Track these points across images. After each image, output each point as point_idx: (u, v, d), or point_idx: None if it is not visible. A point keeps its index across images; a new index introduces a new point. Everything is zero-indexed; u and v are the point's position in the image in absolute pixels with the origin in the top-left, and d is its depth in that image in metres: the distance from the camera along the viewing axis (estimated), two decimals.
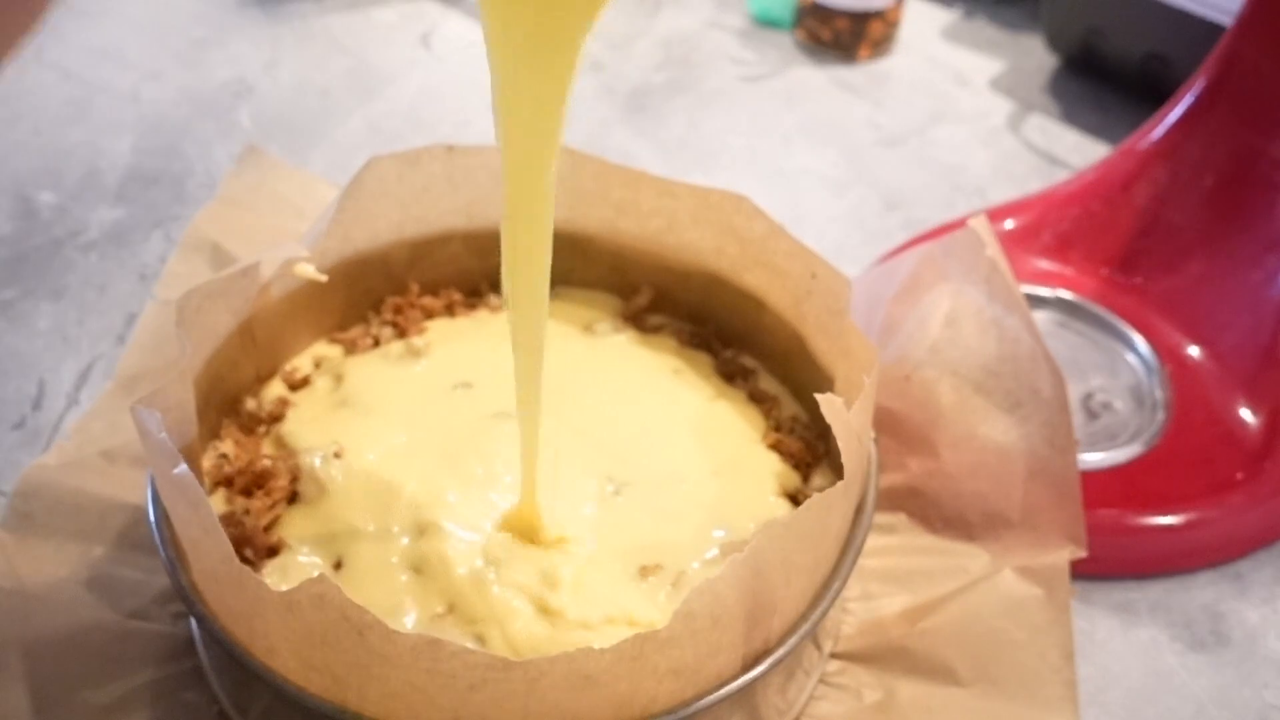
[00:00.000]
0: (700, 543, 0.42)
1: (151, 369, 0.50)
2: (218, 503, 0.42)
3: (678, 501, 0.43)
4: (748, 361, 0.50)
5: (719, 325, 0.51)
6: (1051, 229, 0.58)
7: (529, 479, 0.40)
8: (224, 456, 0.44)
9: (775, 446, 0.46)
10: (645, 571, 0.40)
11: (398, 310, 0.50)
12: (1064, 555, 0.43)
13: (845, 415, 0.37)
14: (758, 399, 0.48)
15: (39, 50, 0.76)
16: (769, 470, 0.45)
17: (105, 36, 0.78)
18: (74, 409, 0.52)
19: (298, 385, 0.48)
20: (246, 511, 0.41)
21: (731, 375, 0.49)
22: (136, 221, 0.63)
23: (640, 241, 0.50)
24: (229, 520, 0.41)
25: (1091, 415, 0.52)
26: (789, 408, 0.48)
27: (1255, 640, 0.46)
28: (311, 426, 0.45)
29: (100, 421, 0.48)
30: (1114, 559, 0.47)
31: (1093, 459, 0.49)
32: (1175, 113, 0.55)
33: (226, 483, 0.43)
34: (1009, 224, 0.59)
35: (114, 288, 0.59)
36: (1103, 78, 0.76)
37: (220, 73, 0.75)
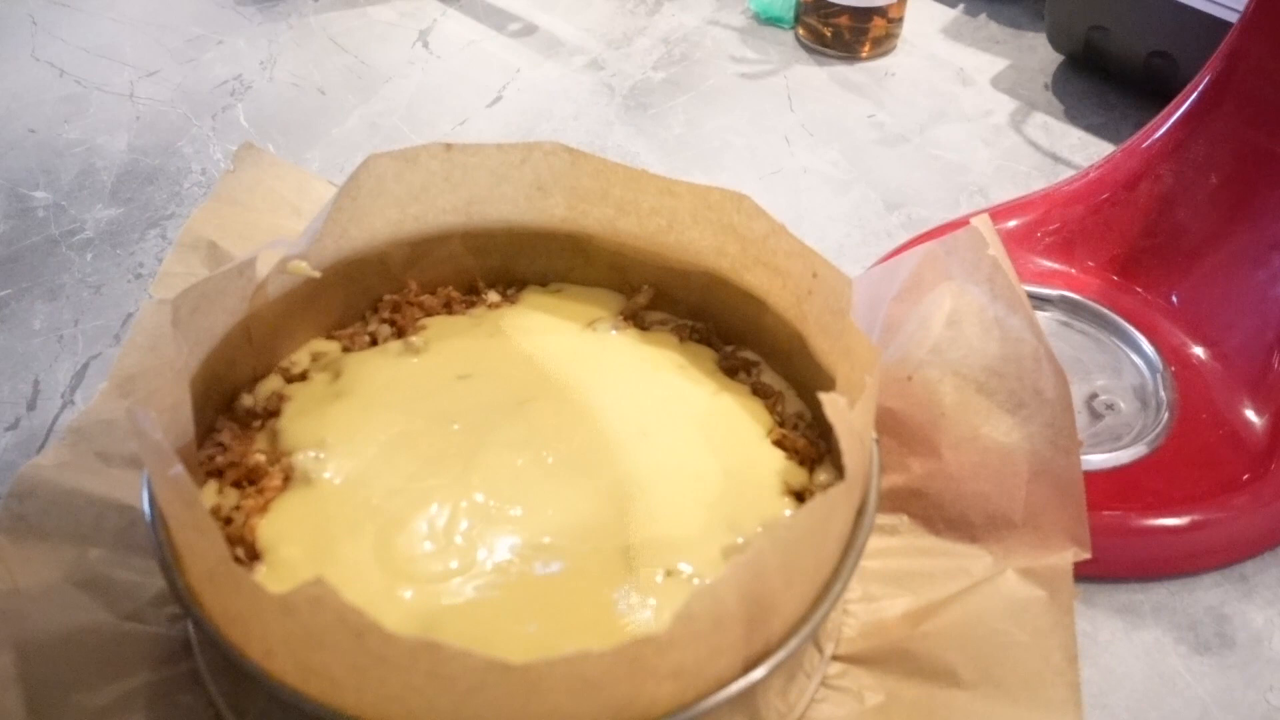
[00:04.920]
0: (708, 543, 0.41)
1: (147, 369, 0.50)
2: (208, 494, 0.42)
3: (686, 500, 0.43)
4: (749, 355, 0.50)
5: (719, 324, 0.51)
6: (1055, 228, 0.58)
7: None
8: (219, 445, 0.44)
9: (780, 443, 0.46)
10: (670, 573, 0.40)
11: (395, 308, 0.50)
12: (1067, 557, 0.43)
13: (847, 415, 0.37)
14: (761, 393, 0.48)
15: (34, 48, 0.76)
16: (774, 467, 0.45)
17: (101, 34, 0.78)
18: (69, 409, 0.52)
19: (294, 379, 0.47)
20: (236, 507, 0.41)
21: (734, 370, 0.49)
22: (132, 220, 0.63)
23: (640, 240, 0.50)
24: (217, 515, 0.41)
25: (1095, 416, 0.51)
26: (793, 404, 0.48)
27: (1260, 643, 0.46)
28: (307, 420, 0.45)
29: (96, 422, 0.47)
30: (1118, 561, 0.47)
31: (1096, 460, 0.49)
32: (1180, 111, 0.55)
33: (218, 474, 0.43)
34: (1012, 223, 0.58)
35: (110, 287, 0.58)
36: (1106, 75, 0.76)
37: (217, 71, 0.75)
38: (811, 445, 0.46)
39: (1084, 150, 0.71)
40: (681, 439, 0.45)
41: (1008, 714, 0.40)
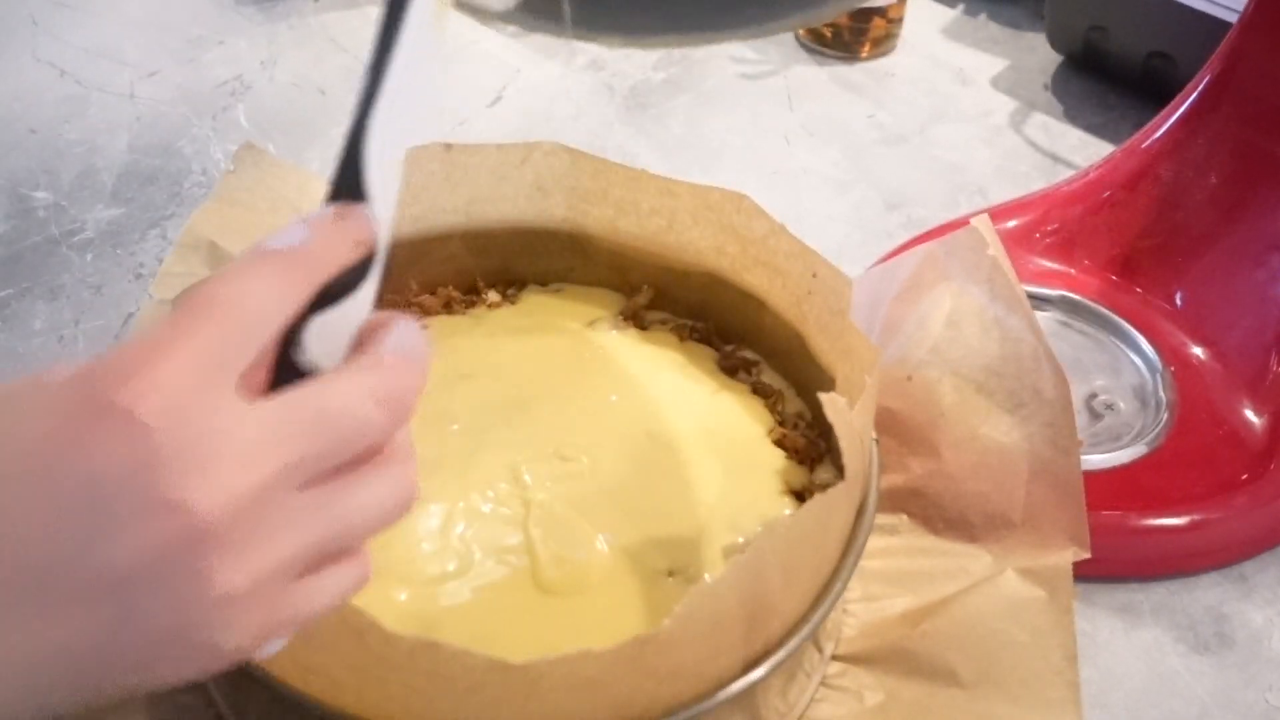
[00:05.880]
0: (708, 542, 0.41)
1: None
2: None
3: (686, 500, 0.43)
4: (749, 355, 0.50)
5: (719, 324, 0.51)
6: (1054, 228, 0.58)
7: None
8: None
9: (780, 442, 0.46)
10: (671, 573, 0.40)
11: (395, 308, 0.50)
12: (1066, 556, 0.43)
13: (847, 415, 0.37)
14: (761, 393, 0.48)
15: (35, 49, 0.76)
16: (775, 467, 0.45)
17: (102, 35, 0.78)
18: None
19: None
20: None
21: (734, 369, 0.49)
22: (133, 221, 0.63)
23: (641, 241, 0.50)
24: None
25: (1095, 416, 0.51)
26: (793, 403, 0.48)
27: (1259, 642, 0.46)
28: None
29: None
30: (1117, 560, 0.47)
31: (1096, 459, 0.49)
32: (1179, 111, 0.55)
33: None
34: (1011, 223, 0.58)
35: (110, 287, 0.58)
36: (1106, 76, 0.76)
37: (217, 71, 0.75)
38: (811, 445, 0.46)
39: (1083, 150, 0.71)
40: (682, 438, 0.45)
41: (1007, 713, 0.40)
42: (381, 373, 0.25)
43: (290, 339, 0.25)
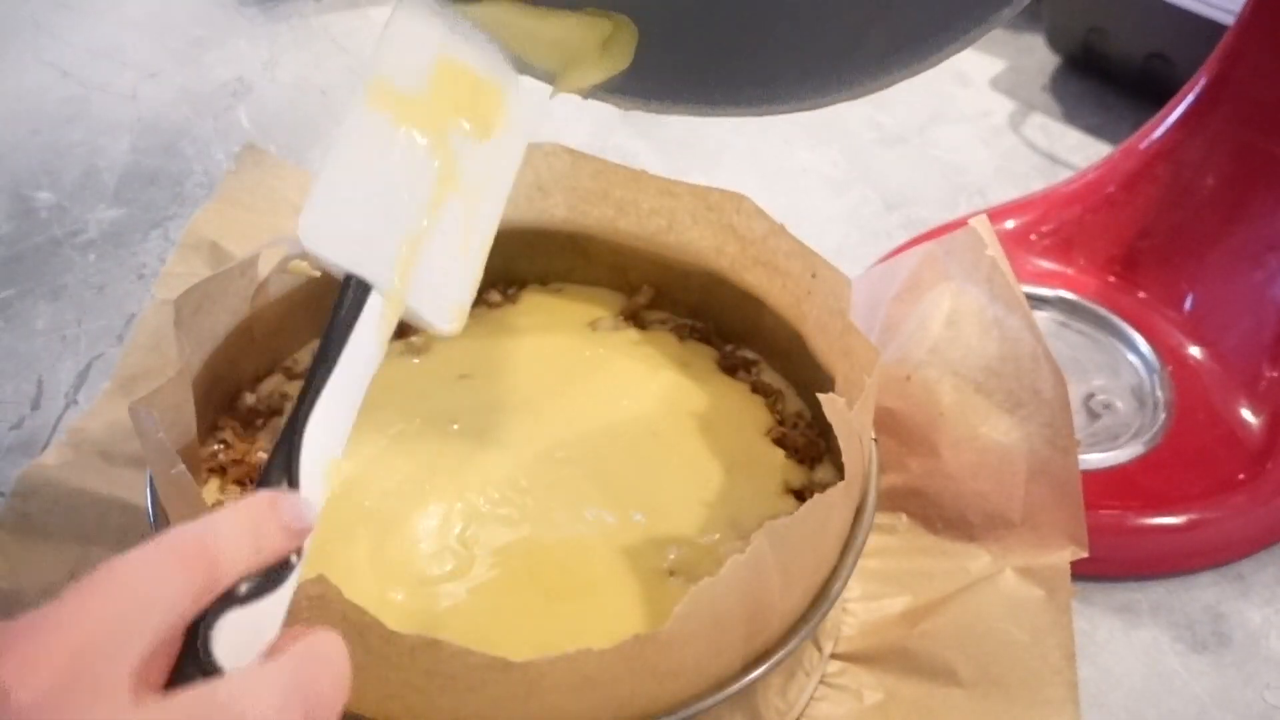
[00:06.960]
0: (709, 541, 0.41)
1: (150, 369, 0.50)
2: (210, 492, 0.42)
3: (686, 499, 0.43)
4: (749, 354, 0.50)
5: (719, 324, 0.51)
6: (1053, 229, 0.58)
7: None
8: (223, 444, 0.44)
9: (780, 441, 0.46)
10: (672, 573, 0.40)
11: None
12: (1065, 556, 0.43)
13: (846, 415, 0.37)
14: (761, 392, 0.48)
15: (37, 50, 0.76)
16: (775, 466, 0.45)
17: (104, 36, 0.78)
18: (72, 409, 0.52)
19: (296, 377, 0.47)
20: None
21: (734, 369, 0.49)
22: (135, 221, 0.63)
23: (641, 241, 0.50)
24: None
25: (1093, 415, 0.51)
26: (793, 402, 0.48)
27: (1257, 641, 0.46)
28: None
29: (99, 422, 0.48)
30: (1115, 559, 0.47)
31: (1094, 459, 0.49)
32: (1177, 112, 0.55)
33: (220, 471, 0.43)
34: (1010, 223, 0.58)
35: (112, 287, 0.59)
36: (1104, 77, 0.76)
37: (219, 72, 0.75)
38: (811, 444, 0.46)
39: (1082, 151, 0.71)
40: (682, 437, 0.46)
41: (1006, 712, 0.41)
42: (296, 678, 0.23)
43: (196, 633, 0.23)
